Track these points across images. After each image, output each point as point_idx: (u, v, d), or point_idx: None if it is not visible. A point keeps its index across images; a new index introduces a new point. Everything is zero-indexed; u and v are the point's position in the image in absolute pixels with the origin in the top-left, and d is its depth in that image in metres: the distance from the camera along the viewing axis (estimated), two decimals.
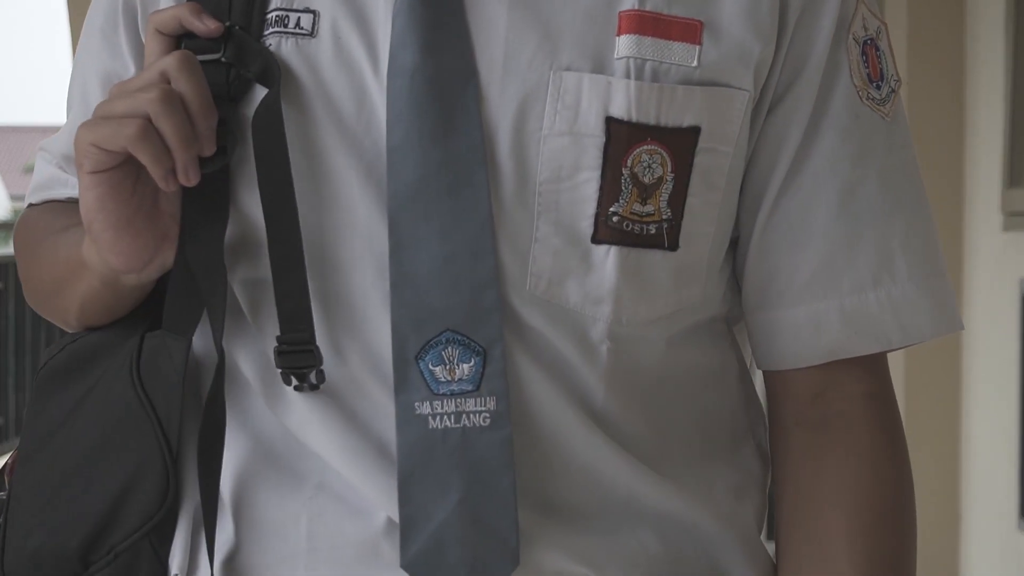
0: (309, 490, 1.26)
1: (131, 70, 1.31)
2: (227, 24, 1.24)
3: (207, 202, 1.25)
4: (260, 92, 1.24)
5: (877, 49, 1.29)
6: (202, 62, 1.24)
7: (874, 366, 1.30)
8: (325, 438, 1.24)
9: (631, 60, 1.21)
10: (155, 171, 1.20)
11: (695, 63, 1.22)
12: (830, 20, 1.26)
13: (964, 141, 5.11)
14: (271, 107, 1.22)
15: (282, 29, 1.24)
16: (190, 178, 1.21)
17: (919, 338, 1.28)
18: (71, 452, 1.28)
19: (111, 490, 1.26)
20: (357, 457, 1.24)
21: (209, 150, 1.21)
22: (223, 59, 1.24)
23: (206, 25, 1.23)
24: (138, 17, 1.31)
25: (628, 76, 1.20)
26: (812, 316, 1.27)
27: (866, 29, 1.29)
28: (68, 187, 1.38)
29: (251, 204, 1.25)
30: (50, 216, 1.38)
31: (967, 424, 5.16)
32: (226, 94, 1.24)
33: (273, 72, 1.23)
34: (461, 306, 1.21)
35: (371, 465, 1.24)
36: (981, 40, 5.01)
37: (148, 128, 1.19)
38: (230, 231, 1.26)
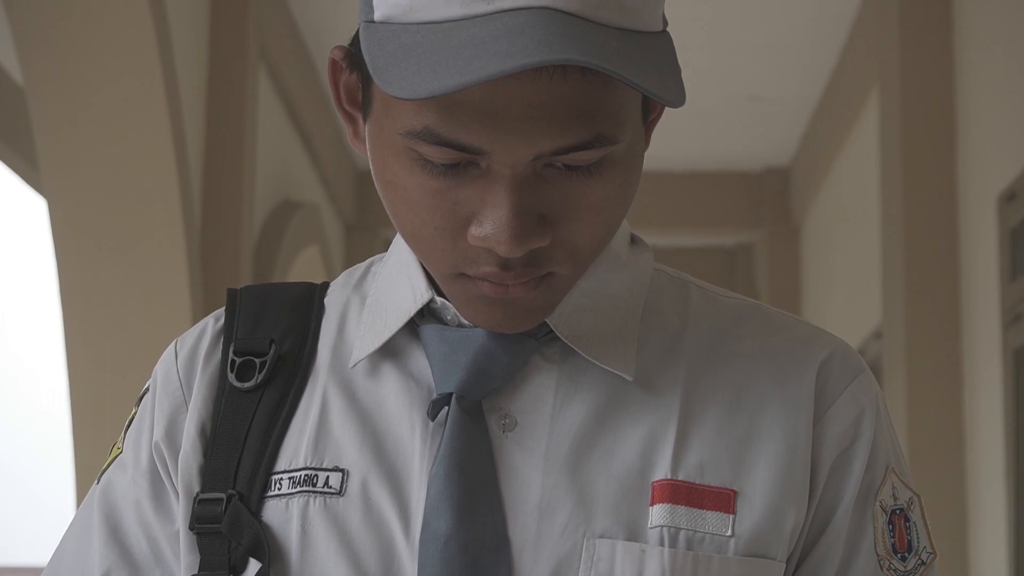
0: None
1: (176, 525, 1.31)
2: (228, 492, 1.26)
3: None
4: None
5: (907, 520, 1.30)
6: (206, 532, 1.26)
7: None
8: None
9: (665, 529, 1.22)
10: None
11: (729, 532, 1.23)
12: (854, 484, 1.27)
13: (965, 497, 5.13)
14: None
15: (310, 488, 1.26)
16: None
17: None
18: None
19: None
20: None
21: None
22: (222, 530, 1.26)
23: None
24: (167, 461, 1.31)
25: (662, 544, 1.22)
26: None
27: (895, 499, 1.30)
28: None
29: None
30: None
31: None
32: (227, 564, 1.26)
33: (263, 548, 1.24)
34: None
35: None
36: (977, 367, 5.07)
37: None
38: None
